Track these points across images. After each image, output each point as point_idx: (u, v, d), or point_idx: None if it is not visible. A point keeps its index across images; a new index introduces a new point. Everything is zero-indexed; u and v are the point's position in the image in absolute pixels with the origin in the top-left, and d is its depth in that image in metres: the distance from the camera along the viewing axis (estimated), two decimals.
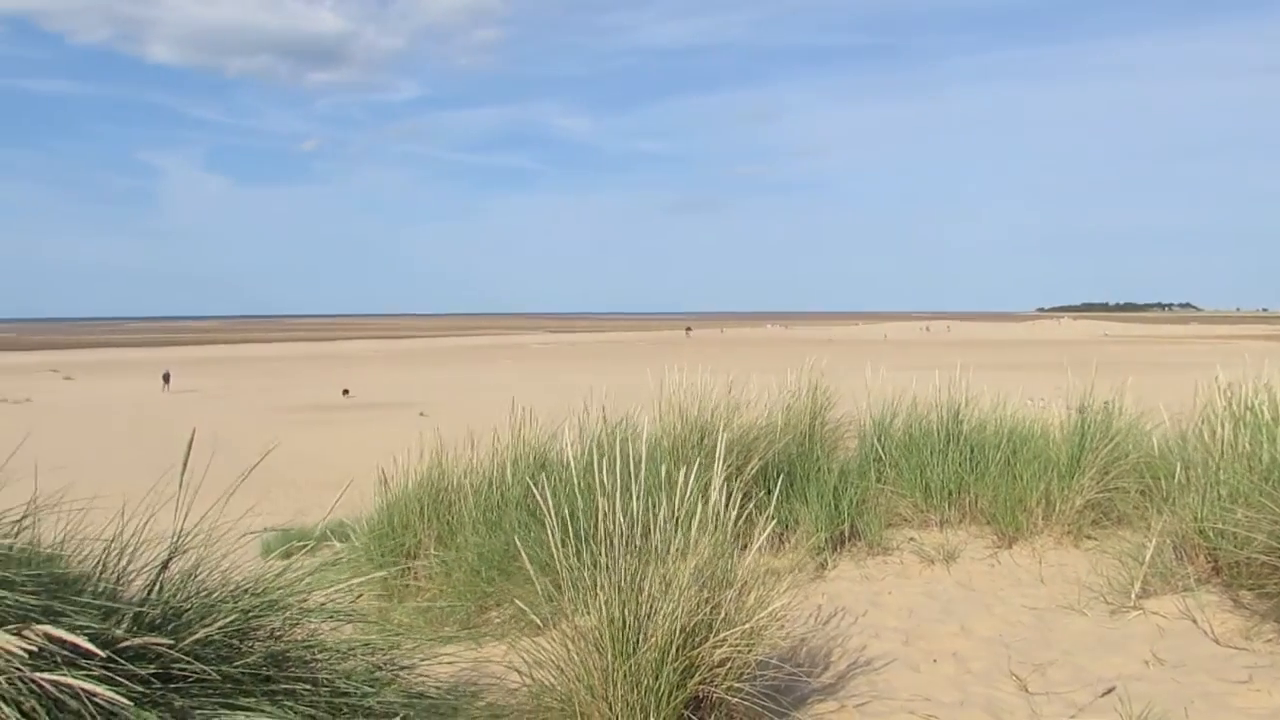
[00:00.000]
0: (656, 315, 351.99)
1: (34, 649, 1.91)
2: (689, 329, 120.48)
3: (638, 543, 3.33)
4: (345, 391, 37.82)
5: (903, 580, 5.56)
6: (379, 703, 2.58)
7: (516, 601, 3.85)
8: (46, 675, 1.97)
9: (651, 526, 3.36)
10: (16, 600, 2.14)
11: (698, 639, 3.18)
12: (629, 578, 3.22)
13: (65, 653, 2.02)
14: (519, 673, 3.36)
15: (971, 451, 6.42)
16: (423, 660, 2.95)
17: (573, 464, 5.00)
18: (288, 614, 2.70)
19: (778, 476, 5.54)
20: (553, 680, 3.27)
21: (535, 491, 3.62)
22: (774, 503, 4.22)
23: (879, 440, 6.79)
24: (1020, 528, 5.92)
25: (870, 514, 6.10)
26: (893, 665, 4.23)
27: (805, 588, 5.33)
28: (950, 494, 6.33)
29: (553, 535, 3.39)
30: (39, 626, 1.95)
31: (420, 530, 6.32)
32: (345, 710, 2.50)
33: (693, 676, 3.16)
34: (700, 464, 3.80)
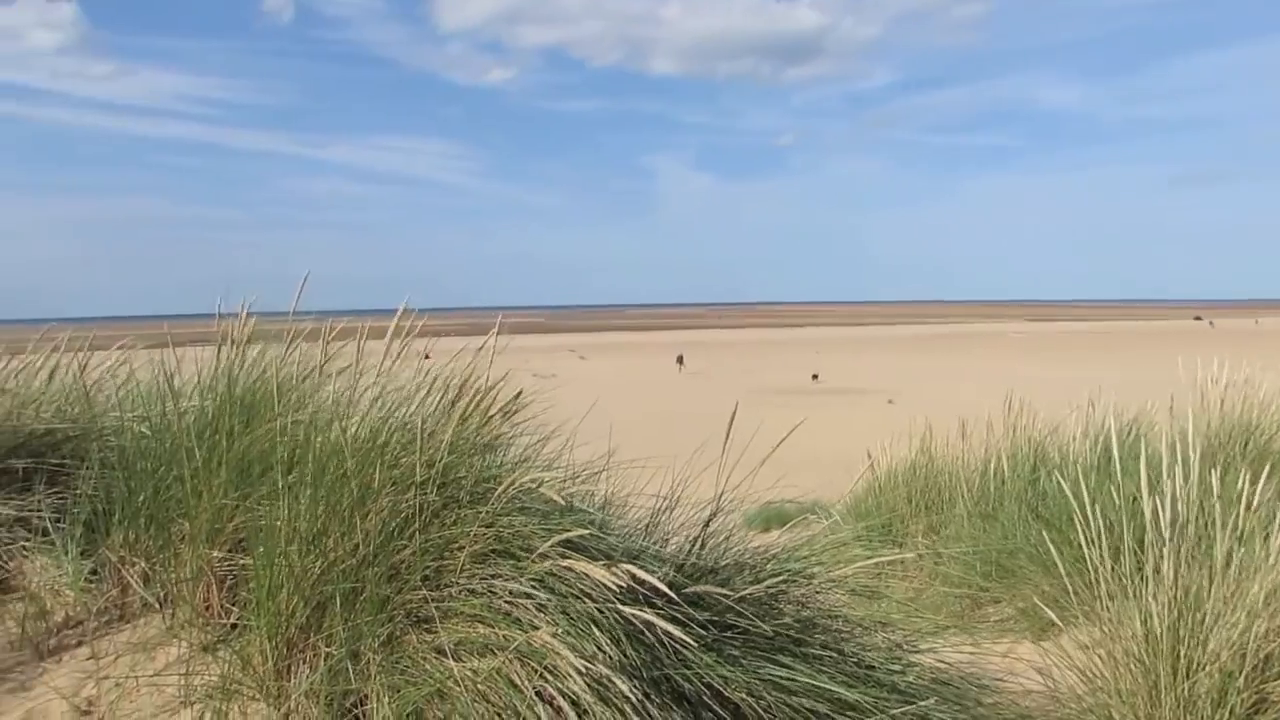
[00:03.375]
0: (1154, 302, 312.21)
1: (621, 585, 2.22)
2: (1199, 318, 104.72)
3: (1190, 552, 2.95)
4: (814, 376, 38.99)
5: None
6: (904, 681, 2.59)
7: (1035, 600, 3.65)
8: (629, 609, 2.28)
9: (1215, 535, 2.96)
10: (606, 542, 2.51)
11: (1272, 671, 2.74)
12: (1184, 590, 2.87)
13: (644, 591, 2.32)
14: (1041, 674, 3.18)
15: None
16: (941, 647, 2.91)
17: (1092, 459, 4.60)
18: (813, 583, 2.82)
19: None
20: (1079, 688, 3.04)
21: (1066, 489, 3.39)
22: None
23: None
24: None
25: None
26: None
27: None
28: None
29: (1084, 535, 3.15)
30: (624, 565, 2.25)
31: (908, 516, 6.29)
32: (871, 683, 2.55)
33: (1264, 713, 2.74)
34: (1252, 470, 3.27)
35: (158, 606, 3.34)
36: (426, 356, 3.46)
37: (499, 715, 2.26)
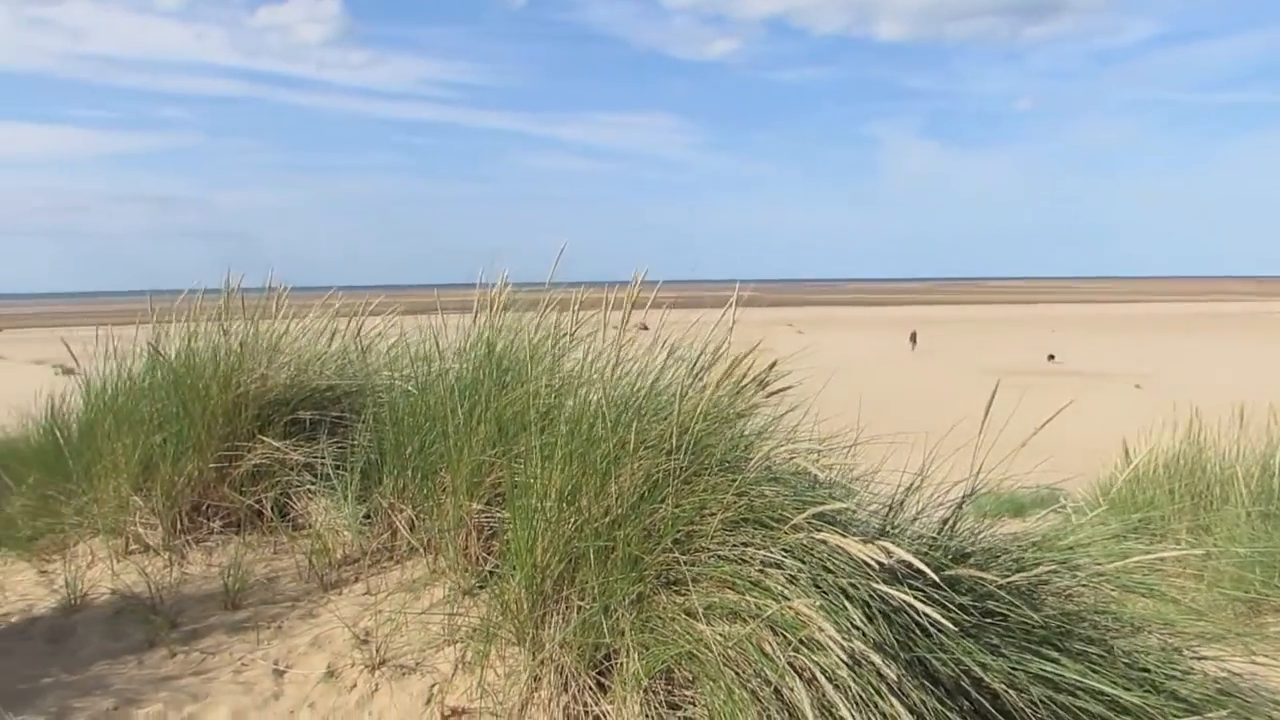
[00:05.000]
0: None
1: (881, 561, 2.16)
2: None
3: None
4: (1050, 357, 36.61)
5: None
6: (1184, 688, 2.38)
7: None
8: (885, 587, 2.22)
9: None
10: (857, 517, 2.46)
11: None
12: None
13: (900, 569, 2.25)
14: None
15: None
16: (1225, 654, 2.65)
17: None
18: (1078, 575, 2.64)
19: None
20: None
21: None
22: None
23: None
24: None
25: None
26: None
27: None
28: None
29: None
30: (882, 542, 2.19)
31: (1170, 512, 5.76)
32: (1147, 687, 2.35)
33: None
34: None
35: (422, 551, 3.62)
36: (645, 328, 3.53)
37: (748, 683, 2.28)
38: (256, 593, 3.65)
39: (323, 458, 4.00)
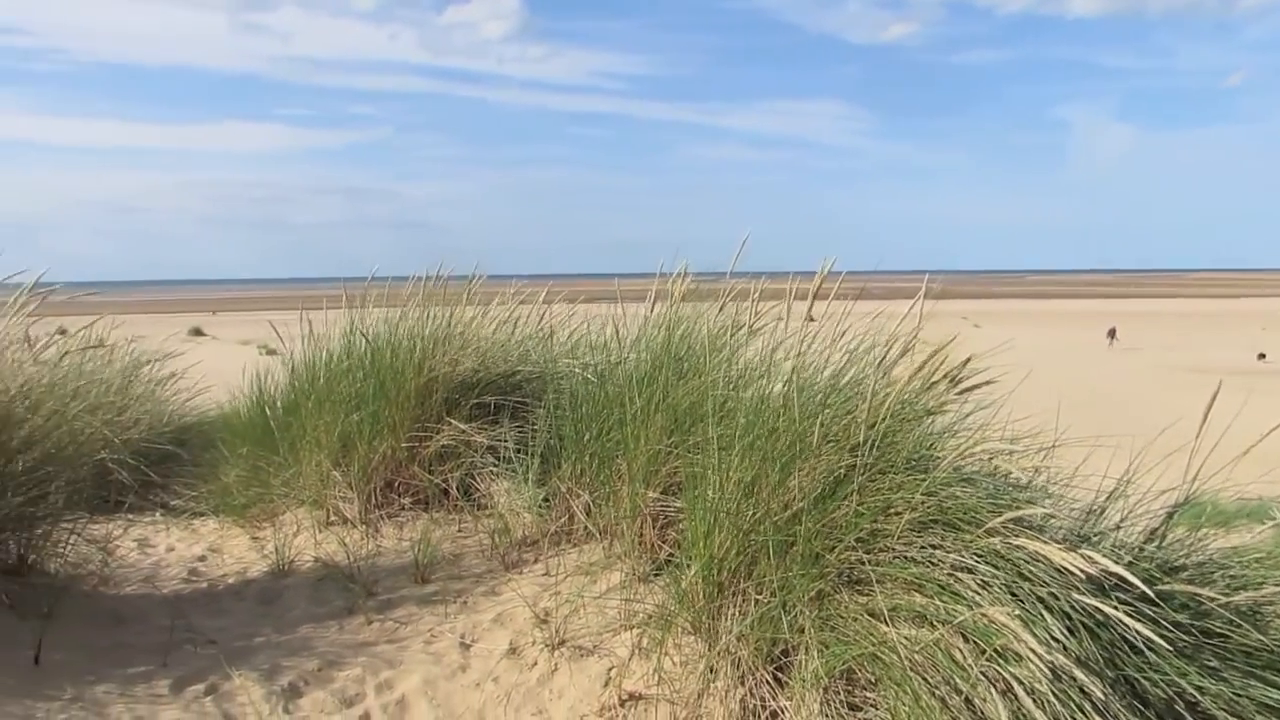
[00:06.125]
0: None
1: (1087, 571, 2.02)
2: None
3: None
4: (1261, 355, 33.48)
5: None
6: None
7: None
8: (1088, 599, 2.08)
9: None
10: (1053, 523, 2.32)
11: None
12: None
13: (1108, 580, 2.10)
14: None
15: None
16: None
17: None
18: None
19: None
20: None
21: None
22: None
23: None
24: None
25: None
26: None
27: None
28: None
29: None
30: (1087, 551, 2.05)
31: None
32: None
33: None
34: None
35: (599, 536, 3.69)
36: (812, 319, 3.43)
37: (936, 690, 2.19)
38: (443, 568, 3.83)
39: (505, 441, 4.14)
